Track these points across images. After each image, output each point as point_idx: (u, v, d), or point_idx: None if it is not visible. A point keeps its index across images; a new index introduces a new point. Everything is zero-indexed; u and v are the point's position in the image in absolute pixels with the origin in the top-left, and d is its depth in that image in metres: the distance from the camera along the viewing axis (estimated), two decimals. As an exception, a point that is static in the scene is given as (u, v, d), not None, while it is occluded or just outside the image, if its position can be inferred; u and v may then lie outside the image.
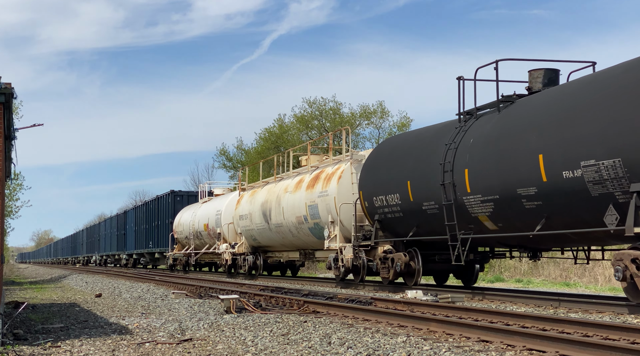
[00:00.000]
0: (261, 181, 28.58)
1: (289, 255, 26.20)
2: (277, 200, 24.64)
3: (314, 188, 21.85)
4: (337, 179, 20.46)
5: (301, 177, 23.66)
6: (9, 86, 9.71)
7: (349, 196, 19.99)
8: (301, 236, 23.26)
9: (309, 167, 23.71)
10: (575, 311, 11.74)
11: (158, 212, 43.36)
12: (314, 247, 23.32)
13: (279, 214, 24.31)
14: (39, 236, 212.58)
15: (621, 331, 8.03)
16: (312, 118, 49.99)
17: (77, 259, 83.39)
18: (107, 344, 9.06)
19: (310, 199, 21.89)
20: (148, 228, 45.55)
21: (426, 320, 9.65)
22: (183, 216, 37.68)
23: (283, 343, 8.75)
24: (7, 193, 35.12)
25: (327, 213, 20.70)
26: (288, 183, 24.49)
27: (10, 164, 13.37)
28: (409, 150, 17.24)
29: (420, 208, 16.17)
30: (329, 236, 20.48)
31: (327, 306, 12.35)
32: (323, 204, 21.04)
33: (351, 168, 20.22)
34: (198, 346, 8.84)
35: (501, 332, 8.14)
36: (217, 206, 32.06)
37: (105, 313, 13.76)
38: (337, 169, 20.95)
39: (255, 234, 27.10)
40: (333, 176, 20.84)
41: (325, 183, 21.16)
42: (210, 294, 16.79)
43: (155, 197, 45.25)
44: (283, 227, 24.20)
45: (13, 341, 9.20)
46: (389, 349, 7.78)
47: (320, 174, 21.96)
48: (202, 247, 33.87)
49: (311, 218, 21.92)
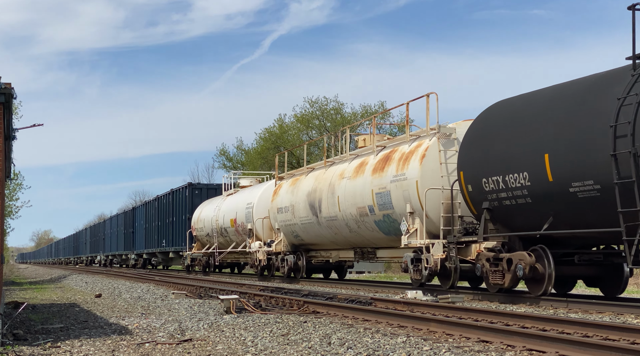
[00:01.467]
0: (305, 167, 24.12)
1: (340, 255, 22.39)
2: (329, 189, 20.79)
3: (383, 171, 17.95)
4: (420, 159, 16.53)
5: (362, 159, 19.72)
6: (9, 86, 9.72)
7: (436, 180, 16.19)
8: (362, 231, 19.46)
9: (374, 146, 19.49)
10: (575, 311, 11.73)
11: (173, 207, 39.24)
12: (377, 244, 19.72)
13: (333, 205, 20.49)
14: (39, 236, 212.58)
15: (621, 331, 8.03)
16: (313, 118, 50.01)
17: (80, 260, 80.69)
18: (107, 344, 9.06)
19: (379, 185, 18.03)
20: (161, 225, 41.53)
21: (426, 320, 9.65)
22: (203, 211, 33.62)
23: (283, 344, 8.75)
24: (7, 193, 35.14)
25: (405, 202, 16.86)
26: (344, 168, 20.56)
27: (10, 164, 13.37)
28: (542, 112, 13.04)
29: (564, 190, 12.14)
30: (408, 231, 16.65)
31: (327, 307, 12.34)
32: (398, 190, 17.17)
33: (438, 145, 16.36)
34: (198, 347, 8.84)
35: (501, 332, 8.14)
36: (248, 198, 28.05)
37: (105, 313, 13.76)
38: (418, 146, 17.00)
39: (297, 229, 23.26)
40: (413, 155, 16.92)
41: (402, 164, 17.21)
42: (210, 294, 16.78)
43: (169, 190, 40.71)
44: (337, 221, 20.40)
45: (13, 342, 9.20)
46: (389, 349, 7.77)
47: (392, 155, 18.01)
48: (227, 245, 30.28)
49: (380, 209, 18.04)
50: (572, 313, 11.39)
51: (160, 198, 42.71)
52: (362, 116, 48.94)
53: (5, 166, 11.79)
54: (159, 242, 41.68)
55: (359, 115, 48.99)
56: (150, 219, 44.35)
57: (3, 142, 10.36)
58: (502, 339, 7.96)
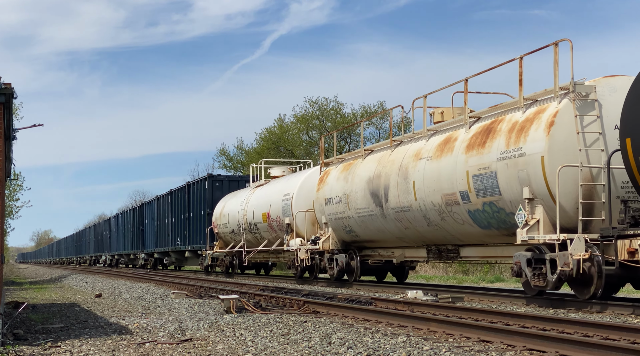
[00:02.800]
0: (362, 149, 20.18)
1: (407, 254, 18.50)
2: (400, 173, 16.99)
3: (484, 147, 14.16)
4: (546, 128, 12.73)
5: (447, 135, 15.84)
6: (9, 86, 9.72)
7: (570, 155, 12.49)
8: (447, 224, 15.64)
9: (466, 117, 15.33)
10: (575, 311, 11.73)
11: (190, 202, 35.54)
12: (464, 241, 15.90)
13: (405, 193, 16.71)
14: (39, 236, 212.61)
15: (621, 331, 8.03)
16: (313, 118, 50.02)
17: (83, 259, 77.43)
18: (107, 344, 9.07)
19: (477, 165, 14.25)
20: (175, 222, 38.02)
21: (426, 320, 9.65)
22: (227, 205, 30.02)
23: (283, 343, 8.75)
24: (7, 193, 35.15)
25: (521, 185, 13.15)
26: (420, 146, 16.69)
27: (10, 165, 13.38)
28: None
29: None
30: (526, 223, 12.93)
31: (327, 306, 12.34)
32: (510, 171, 13.43)
33: (573, 108, 12.63)
34: (198, 347, 8.84)
35: (501, 332, 8.14)
36: (285, 188, 24.42)
37: (105, 313, 13.76)
38: (539, 112, 13.22)
39: (352, 224, 19.67)
40: (532, 123, 13.17)
41: (514, 136, 13.46)
42: (211, 294, 16.78)
43: (185, 184, 36.92)
44: (411, 212, 16.64)
45: (13, 341, 9.20)
46: (389, 349, 7.78)
47: (495, 126, 14.23)
48: (256, 244, 26.81)
49: (478, 195, 14.24)
50: (572, 313, 11.40)
51: (174, 192, 39.01)
52: (361, 116, 48.97)
53: (5, 166, 11.79)
54: (172, 240, 38.47)
55: (358, 115, 48.98)
56: (163, 216, 40.95)
57: (3, 143, 10.36)
58: (503, 339, 7.96)
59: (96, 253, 68.16)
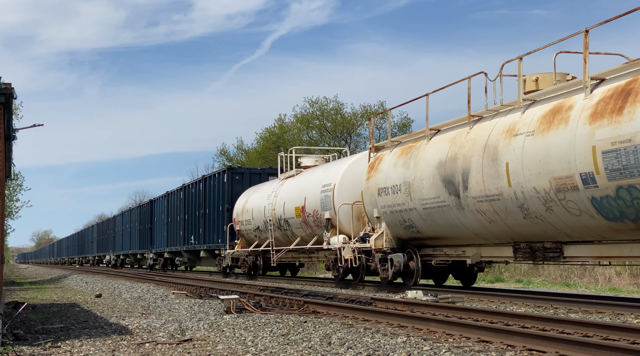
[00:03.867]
0: (427, 127, 16.61)
1: (483, 252, 15.29)
2: (486, 153, 13.85)
3: (622, 113, 10.84)
4: None
5: (555, 103, 12.61)
6: (9, 86, 9.73)
7: None
8: (554, 216, 12.50)
9: (587, 80, 12.00)
10: (575, 311, 11.73)
11: (206, 197, 32.45)
12: (573, 237, 12.73)
13: (494, 177, 13.55)
14: (39, 236, 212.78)
15: (621, 331, 8.03)
16: (313, 118, 50.06)
17: (86, 259, 74.35)
18: (107, 344, 9.07)
19: (612, 137, 10.93)
20: (188, 219, 35.08)
21: (426, 320, 9.65)
22: (250, 199, 26.83)
23: (283, 344, 8.75)
24: (7, 194, 35.16)
25: None
26: (514, 120, 13.49)
27: (10, 165, 13.39)
28: None
29: None
30: None
31: (327, 307, 12.34)
32: None
33: None
34: (198, 347, 8.84)
35: (501, 332, 8.14)
36: (324, 178, 21.19)
37: (105, 313, 13.76)
38: None
39: (414, 217, 16.47)
40: None
41: None
42: (210, 294, 16.79)
43: (200, 177, 33.86)
44: (502, 201, 13.45)
45: (13, 342, 9.20)
46: (389, 349, 7.78)
47: (637, 85, 10.91)
48: (286, 242, 23.93)
49: (610, 178, 10.98)
50: (572, 313, 11.40)
51: (187, 187, 36.01)
52: (361, 116, 48.91)
53: (5, 166, 11.80)
54: (185, 239, 35.49)
55: (358, 115, 49.00)
56: (174, 213, 38.02)
57: (3, 143, 10.37)
58: (502, 339, 7.96)
59: (99, 252, 65.31)
